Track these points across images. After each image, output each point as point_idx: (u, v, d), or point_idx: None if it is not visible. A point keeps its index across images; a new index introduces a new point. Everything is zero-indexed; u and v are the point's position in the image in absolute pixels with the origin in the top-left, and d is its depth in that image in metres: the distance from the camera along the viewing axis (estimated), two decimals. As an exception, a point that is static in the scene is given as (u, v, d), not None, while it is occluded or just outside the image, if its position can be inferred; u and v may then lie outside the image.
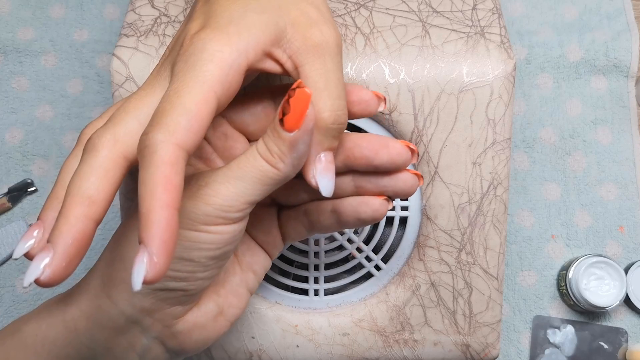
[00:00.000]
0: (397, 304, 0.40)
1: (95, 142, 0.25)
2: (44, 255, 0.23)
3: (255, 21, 0.26)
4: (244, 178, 0.26)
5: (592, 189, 0.54)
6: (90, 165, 0.25)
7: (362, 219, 0.31)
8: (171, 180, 0.22)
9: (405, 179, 0.30)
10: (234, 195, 0.26)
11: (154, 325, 0.30)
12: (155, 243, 0.22)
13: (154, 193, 0.22)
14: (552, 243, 0.54)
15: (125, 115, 0.26)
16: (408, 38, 0.38)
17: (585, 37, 0.57)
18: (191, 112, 0.23)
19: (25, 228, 0.52)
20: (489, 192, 0.39)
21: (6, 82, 0.56)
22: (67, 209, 0.24)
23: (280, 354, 0.41)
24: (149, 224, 0.22)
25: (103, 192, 0.24)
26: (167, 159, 0.22)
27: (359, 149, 0.29)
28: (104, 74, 0.57)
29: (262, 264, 0.33)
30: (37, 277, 0.23)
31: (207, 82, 0.24)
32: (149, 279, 0.22)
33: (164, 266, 0.22)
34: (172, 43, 0.29)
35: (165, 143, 0.23)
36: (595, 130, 0.55)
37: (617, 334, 0.52)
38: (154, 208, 0.22)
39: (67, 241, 0.24)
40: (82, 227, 0.24)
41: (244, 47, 0.26)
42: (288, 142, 0.25)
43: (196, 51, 0.25)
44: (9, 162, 0.54)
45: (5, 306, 0.51)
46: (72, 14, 0.58)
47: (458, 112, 0.38)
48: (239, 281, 0.32)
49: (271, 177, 0.26)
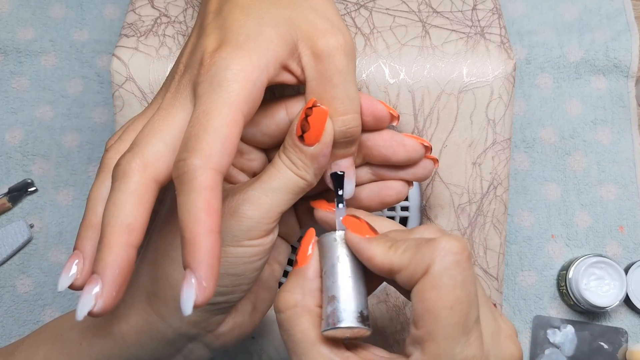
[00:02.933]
0: (397, 304, 0.40)
1: (126, 168, 0.25)
2: (92, 287, 0.24)
3: (272, 36, 0.27)
4: (278, 190, 0.28)
5: (592, 189, 0.54)
6: (124, 192, 0.25)
7: (386, 202, 0.32)
8: (212, 205, 0.23)
9: (423, 166, 0.32)
10: (270, 207, 0.28)
11: (199, 333, 0.31)
12: (203, 269, 0.23)
13: (197, 219, 0.23)
14: (552, 243, 0.54)
15: (151, 138, 0.26)
16: (408, 38, 0.38)
17: (585, 37, 0.57)
18: (224, 134, 0.24)
19: (25, 228, 0.52)
20: (489, 192, 0.39)
21: (6, 82, 0.56)
22: (108, 239, 0.24)
23: (280, 354, 0.41)
24: (195, 249, 0.23)
25: (140, 218, 0.25)
26: (206, 184, 0.23)
27: (377, 148, 0.30)
28: (104, 74, 0.57)
29: (284, 253, 0.34)
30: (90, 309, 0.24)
31: (235, 103, 0.25)
32: (199, 303, 0.23)
33: (212, 290, 0.23)
34: (185, 58, 0.28)
35: (203, 168, 0.23)
36: (595, 130, 0.55)
37: (617, 334, 0.52)
38: (199, 234, 0.23)
39: (114, 271, 0.24)
40: (126, 255, 0.25)
41: (265, 63, 0.26)
42: (310, 156, 0.27)
43: (219, 71, 0.25)
44: (9, 162, 0.54)
45: (5, 306, 0.51)
46: (72, 14, 0.58)
47: (458, 113, 0.38)
48: (267, 275, 0.33)
49: (300, 186, 0.28)
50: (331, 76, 0.27)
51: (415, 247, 0.25)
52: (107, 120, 0.55)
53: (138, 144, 0.26)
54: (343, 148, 0.29)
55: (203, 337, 0.31)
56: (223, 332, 0.32)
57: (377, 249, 0.26)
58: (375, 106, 0.29)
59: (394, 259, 0.26)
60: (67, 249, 0.52)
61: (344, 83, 0.27)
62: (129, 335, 0.30)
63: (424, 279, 0.25)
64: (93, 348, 0.31)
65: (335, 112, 0.28)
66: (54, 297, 0.52)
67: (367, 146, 0.30)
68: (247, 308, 0.32)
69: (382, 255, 0.26)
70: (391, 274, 0.26)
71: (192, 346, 0.32)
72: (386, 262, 0.26)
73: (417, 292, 0.25)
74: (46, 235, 0.53)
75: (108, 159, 0.28)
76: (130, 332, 0.30)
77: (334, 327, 0.26)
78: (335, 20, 0.29)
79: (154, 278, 0.30)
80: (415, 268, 0.25)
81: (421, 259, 0.25)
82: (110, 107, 0.56)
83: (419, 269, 0.25)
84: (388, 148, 0.30)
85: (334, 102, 0.27)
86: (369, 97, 0.30)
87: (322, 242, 0.28)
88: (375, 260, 0.26)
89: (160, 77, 0.37)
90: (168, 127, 0.26)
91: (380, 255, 0.26)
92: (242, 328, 0.32)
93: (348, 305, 0.26)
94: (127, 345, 0.31)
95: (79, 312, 0.24)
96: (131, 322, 0.30)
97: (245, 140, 0.31)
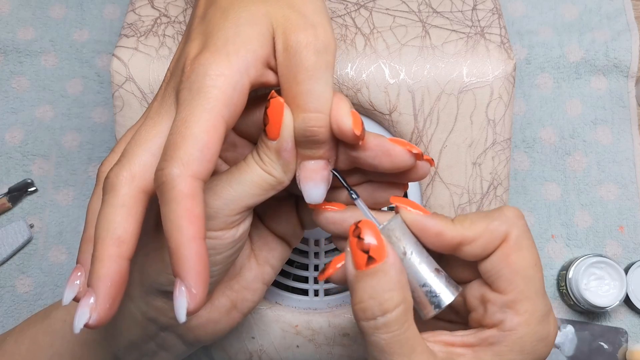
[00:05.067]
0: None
1: (114, 181, 0.26)
2: (87, 300, 0.24)
3: (250, 36, 0.26)
4: (244, 182, 0.27)
5: (592, 189, 0.54)
6: (112, 206, 0.25)
7: (380, 203, 0.32)
8: (194, 212, 0.23)
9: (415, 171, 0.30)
10: (233, 199, 0.27)
11: (169, 322, 0.31)
12: (191, 276, 0.23)
13: (180, 227, 0.23)
14: (552, 243, 0.54)
15: (137, 150, 0.26)
16: (408, 38, 0.38)
17: (585, 37, 0.57)
18: (202, 141, 0.24)
19: (25, 228, 0.52)
20: (489, 192, 0.39)
21: (6, 82, 0.56)
22: (99, 252, 0.25)
23: (280, 354, 0.41)
24: (182, 258, 0.23)
25: (130, 229, 0.25)
26: (186, 192, 0.23)
27: (363, 158, 0.28)
28: (104, 74, 0.57)
29: (280, 256, 0.33)
30: (85, 322, 0.24)
31: (214, 108, 0.24)
32: (192, 309, 0.23)
33: (203, 295, 0.23)
34: (172, 64, 0.29)
35: (181, 177, 0.23)
36: (595, 130, 0.55)
37: (617, 334, 0.52)
38: (183, 242, 0.23)
39: (106, 284, 0.25)
40: (117, 267, 0.25)
41: (245, 65, 0.26)
42: (273, 150, 0.27)
43: (199, 77, 0.25)
44: (9, 162, 0.54)
45: (5, 306, 0.51)
46: (72, 14, 0.58)
47: (458, 113, 0.38)
48: (254, 276, 0.33)
49: (268, 182, 0.27)
50: (296, 72, 0.26)
51: (484, 218, 0.27)
52: (107, 120, 0.55)
53: (125, 155, 0.26)
54: (308, 148, 0.27)
55: (175, 327, 0.31)
56: (195, 325, 0.31)
57: (443, 224, 0.27)
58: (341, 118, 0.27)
59: (464, 231, 0.26)
60: (67, 249, 0.53)
61: (309, 80, 0.26)
62: None
63: (505, 245, 0.26)
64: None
65: (297, 109, 0.26)
66: (54, 297, 0.52)
67: (353, 155, 0.28)
68: (223, 304, 0.32)
69: (451, 229, 0.27)
70: (460, 246, 0.27)
71: (165, 335, 0.32)
72: (458, 235, 0.26)
73: (501, 257, 0.26)
74: (46, 235, 0.53)
75: (102, 172, 0.29)
76: None
77: (441, 308, 0.27)
78: (312, 16, 0.27)
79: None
80: (491, 236, 0.26)
81: (497, 227, 0.26)
82: (110, 107, 0.56)
83: (496, 236, 0.26)
84: (374, 158, 0.28)
85: (296, 98, 0.26)
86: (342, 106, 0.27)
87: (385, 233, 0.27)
88: (445, 235, 0.27)
89: (160, 77, 0.37)
90: (154, 136, 0.26)
91: (449, 230, 0.27)
92: (217, 325, 0.32)
93: (439, 284, 0.27)
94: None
95: (76, 324, 0.24)
96: None
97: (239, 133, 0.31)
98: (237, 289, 0.32)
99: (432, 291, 0.27)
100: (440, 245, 0.27)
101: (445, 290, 0.27)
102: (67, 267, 0.52)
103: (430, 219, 0.27)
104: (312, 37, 0.26)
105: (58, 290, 0.52)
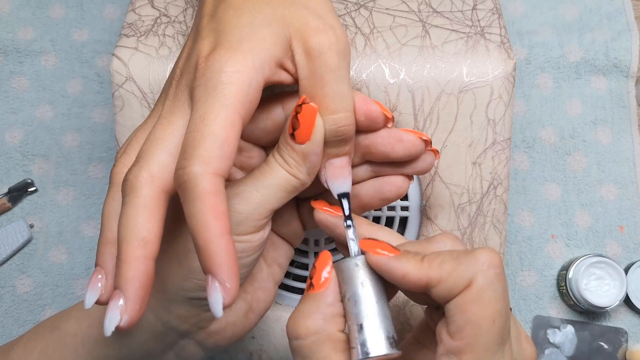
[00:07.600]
0: (397, 304, 0.40)
1: (134, 183, 0.26)
2: (116, 303, 0.25)
3: (265, 35, 0.27)
4: (270, 186, 0.28)
5: (592, 189, 0.54)
6: (134, 207, 0.25)
7: (387, 198, 0.32)
8: (219, 209, 0.23)
9: (423, 159, 0.31)
10: (261, 203, 0.28)
11: (190, 329, 0.31)
12: (224, 271, 0.23)
13: (206, 225, 0.23)
14: (552, 243, 0.54)
15: (154, 149, 0.26)
16: (408, 38, 0.38)
17: (585, 37, 0.57)
18: (221, 138, 0.24)
19: (25, 228, 0.52)
20: (489, 192, 0.39)
21: (6, 82, 0.56)
22: (125, 255, 0.25)
23: (280, 354, 0.41)
24: (212, 255, 0.23)
25: (153, 230, 0.25)
26: (209, 189, 0.23)
27: (375, 146, 0.30)
28: (104, 74, 0.57)
29: (286, 255, 0.34)
30: (117, 324, 0.25)
31: (231, 105, 0.25)
32: (227, 302, 0.23)
33: (236, 288, 0.23)
34: (182, 62, 0.29)
35: (204, 175, 0.23)
36: (595, 130, 0.55)
37: (617, 334, 0.52)
38: (211, 239, 0.23)
39: (135, 285, 0.25)
40: (144, 268, 0.25)
41: (260, 63, 0.26)
42: (301, 154, 0.27)
43: (214, 74, 0.25)
44: (9, 162, 0.54)
45: (5, 306, 0.51)
46: (72, 14, 0.58)
47: (458, 112, 0.38)
48: (265, 276, 0.33)
49: (293, 184, 0.28)
50: (322, 74, 0.27)
51: (454, 260, 0.25)
52: (107, 120, 0.55)
53: (143, 156, 0.26)
54: (336, 147, 0.29)
55: (195, 334, 0.31)
56: (215, 330, 0.31)
57: (409, 265, 0.26)
58: (369, 106, 0.29)
59: (430, 272, 0.25)
60: (67, 249, 0.53)
61: (335, 81, 0.27)
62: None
63: (466, 292, 0.24)
64: (87, 338, 0.32)
65: (326, 111, 0.27)
66: (54, 297, 0.52)
67: (365, 144, 0.30)
68: (241, 307, 0.32)
69: (417, 270, 0.26)
70: (426, 287, 0.25)
71: (184, 343, 0.32)
72: (423, 277, 0.25)
73: (459, 304, 0.25)
74: (46, 235, 0.53)
75: (116, 173, 0.28)
76: None
77: (367, 356, 0.26)
78: (328, 18, 0.28)
79: None
80: (455, 281, 0.25)
81: (463, 272, 0.25)
82: (110, 107, 0.56)
83: (460, 281, 0.25)
84: (386, 145, 0.30)
85: (325, 100, 0.27)
86: (364, 97, 0.29)
87: (341, 267, 0.27)
88: (410, 277, 0.26)
89: (160, 77, 0.37)
90: (170, 135, 0.26)
91: (415, 271, 0.26)
92: (235, 328, 0.32)
93: (378, 333, 0.26)
94: (119, 336, 0.31)
95: (107, 327, 0.25)
96: None
97: (243, 137, 0.31)
98: (251, 290, 0.32)
99: (368, 337, 0.26)
100: (407, 286, 0.26)
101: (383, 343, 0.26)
102: (67, 267, 0.52)
103: (395, 260, 0.26)
104: (334, 39, 0.27)
105: (58, 290, 0.52)
